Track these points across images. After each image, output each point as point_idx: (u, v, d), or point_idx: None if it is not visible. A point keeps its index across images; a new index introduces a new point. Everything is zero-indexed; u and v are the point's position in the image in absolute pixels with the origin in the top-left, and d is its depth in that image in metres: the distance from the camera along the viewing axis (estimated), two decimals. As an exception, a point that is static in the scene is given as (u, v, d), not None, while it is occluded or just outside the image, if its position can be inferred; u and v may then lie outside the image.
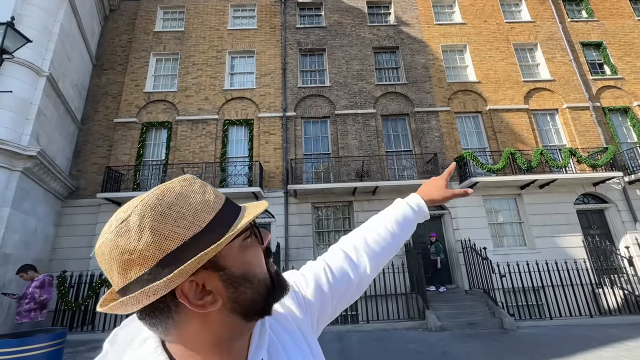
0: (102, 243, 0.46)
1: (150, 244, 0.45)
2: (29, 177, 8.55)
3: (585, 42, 13.30)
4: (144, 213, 0.46)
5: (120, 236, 0.45)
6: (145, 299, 0.44)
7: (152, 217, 0.45)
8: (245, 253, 0.52)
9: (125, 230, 0.45)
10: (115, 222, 0.46)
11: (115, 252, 0.45)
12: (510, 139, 11.57)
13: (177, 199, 0.48)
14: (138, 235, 0.45)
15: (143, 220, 0.45)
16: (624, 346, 5.72)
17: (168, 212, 0.46)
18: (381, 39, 13.14)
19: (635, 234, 10.29)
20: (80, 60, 11.50)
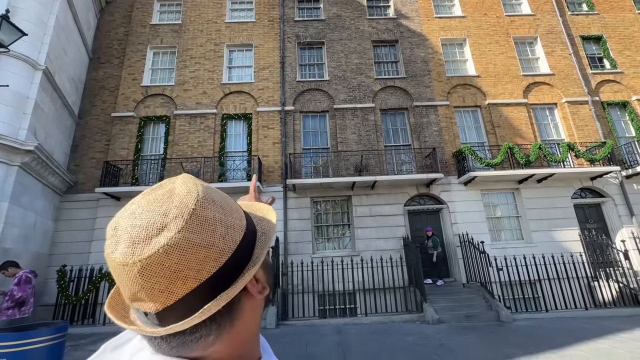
0: (162, 248, 0.38)
1: (224, 235, 0.41)
2: (26, 172, 8.52)
3: (586, 36, 13.23)
4: (205, 205, 0.41)
5: (191, 233, 0.39)
6: (230, 296, 0.40)
7: (215, 209, 0.42)
8: (266, 265, 0.52)
9: (196, 225, 0.39)
10: (172, 221, 0.39)
11: (190, 252, 0.38)
12: (509, 133, 11.57)
13: (217, 192, 0.46)
14: (212, 228, 0.40)
15: (208, 212, 0.41)
16: (618, 338, 5.81)
17: (224, 204, 0.45)
18: (380, 33, 13.04)
19: (632, 228, 10.38)
20: (77, 54, 11.38)
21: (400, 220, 10.47)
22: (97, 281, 8.46)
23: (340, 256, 9.72)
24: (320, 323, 7.87)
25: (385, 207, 10.58)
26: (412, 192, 10.78)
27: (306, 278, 9.13)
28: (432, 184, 10.75)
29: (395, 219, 10.47)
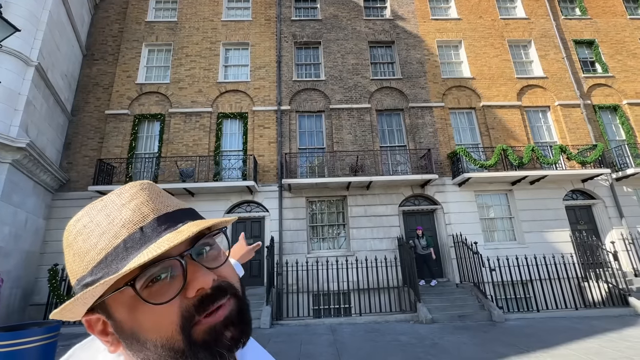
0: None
1: (72, 258, 0.44)
2: (18, 170, 8.40)
3: (578, 40, 13.43)
4: (69, 227, 0.46)
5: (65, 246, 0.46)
6: (68, 312, 0.41)
7: (73, 232, 0.45)
8: (137, 307, 0.40)
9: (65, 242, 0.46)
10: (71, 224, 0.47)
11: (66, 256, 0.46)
12: (503, 135, 11.70)
13: (94, 216, 0.44)
14: (66, 248, 0.45)
15: (69, 234, 0.46)
16: (607, 337, 5.93)
17: (83, 230, 0.44)
18: (377, 33, 13.09)
19: (621, 230, 10.58)
20: (70, 50, 11.23)
21: (395, 221, 10.53)
22: (90, 280, 8.36)
23: (335, 256, 9.75)
24: (315, 323, 7.89)
25: (380, 208, 10.63)
26: (407, 193, 10.84)
27: (301, 278, 9.14)
28: (426, 185, 10.84)
29: (390, 219, 10.53)
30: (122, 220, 0.43)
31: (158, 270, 0.40)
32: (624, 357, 4.82)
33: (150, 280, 0.40)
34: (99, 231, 0.43)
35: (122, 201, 0.45)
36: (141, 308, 0.40)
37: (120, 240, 0.41)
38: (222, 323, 0.42)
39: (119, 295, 0.41)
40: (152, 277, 0.40)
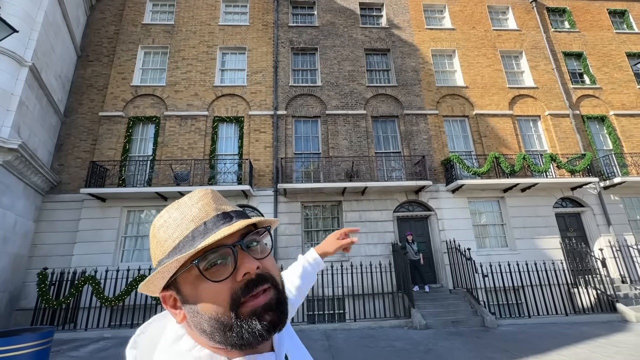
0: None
1: (155, 245, 0.57)
2: (8, 171, 8.24)
3: (567, 52, 13.84)
4: (154, 222, 0.59)
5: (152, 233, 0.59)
6: (151, 285, 0.54)
7: (157, 225, 0.58)
8: (198, 285, 0.51)
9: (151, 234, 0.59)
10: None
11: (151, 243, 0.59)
12: (495, 143, 11.94)
13: (171, 213, 0.57)
14: (151, 238, 0.59)
15: (154, 227, 0.58)
16: (597, 343, 6.06)
17: (163, 224, 0.57)
18: (373, 41, 13.28)
19: (609, 237, 10.84)
20: (65, 51, 11.13)
21: (390, 226, 10.61)
22: (80, 285, 8.21)
23: (329, 261, 9.76)
24: (309, 328, 7.87)
25: (375, 213, 10.70)
26: (401, 199, 10.95)
27: (295, 283, 9.09)
28: (420, 191, 10.96)
29: (384, 225, 10.60)
30: (191, 216, 0.55)
31: (215, 257, 0.52)
32: (613, 362, 4.93)
33: (210, 265, 0.51)
34: (174, 225, 0.55)
35: (192, 202, 0.57)
36: (201, 286, 0.51)
37: (189, 231, 0.53)
38: (263, 307, 0.51)
39: (186, 274, 0.52)
40: (211, 262, 0.52)
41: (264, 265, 0.55)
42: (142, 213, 10.55)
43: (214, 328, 0.50)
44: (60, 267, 9.26)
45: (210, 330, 0.50)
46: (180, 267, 0.52)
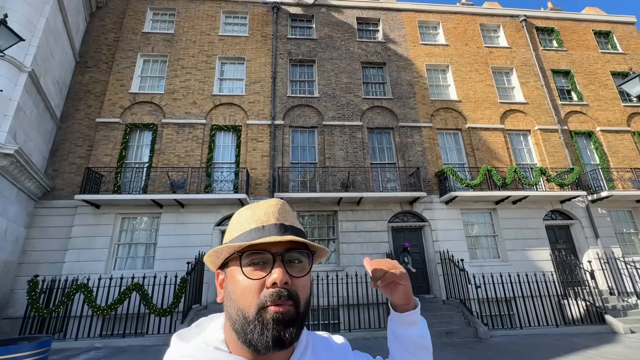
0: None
1: (228, 230, 0.66)
2: (3, 176, 8.16)
3: (556, 70, 14.38)
4: (235, 214, 0.69)
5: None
6: (215, 257, 0.64)
7: (235, 216, 0.68)
8: (238, 275, 0.59)
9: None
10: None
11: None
12: (487, 156, 12.24)
13: (247, 210, 0.66)
14: (229, 224, 0.68)
15: (233, 218, 0.68)
16: (586, 354, 6.18)
17: (237, 217, 0.67)
18: (369, 55, 13.62)
19: (597, 249, 11.12)
20: (64, 57, 11.16)
21: (385, 237, 10.72)
22: (72, 293, 8.07)
23: (325, 271, 9.80)
24: (304, 339, 7.83)
25: (370, 223, 10.82)
26: (396, 209, 11.10)
27: (290, 292, 9.08)
28: (415, 202, 11.13)
29: (379, 235, 10.71)
30: (256, 217, 0.63)
31: (258, 258, 0.59)
32: (602, 373, 5.05)
33: (252, 263, 0.59)
34: (244, 219, 0.65)
35: (263, 206, 0.66)
36: (239, 277, 0.59)
37: (250, 229, 0.62)
38: (277, 319, 0.56)
39: (234, 262, 0.61)
40: (253, 261, 0.59)
41: (295, 284, 0.59)
42: (135, 220, 10.48)
43: (238, 316, 0.57)
44: (50, 274, 9.10)
45: (236, 317, 0.57)
46: (231, 255, 0.62)
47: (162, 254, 9.81)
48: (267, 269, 0.58)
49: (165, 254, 9.78)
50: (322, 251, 0.68)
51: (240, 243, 0.59)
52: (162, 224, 10.18)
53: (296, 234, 0.63)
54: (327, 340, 0.74)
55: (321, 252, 0.69)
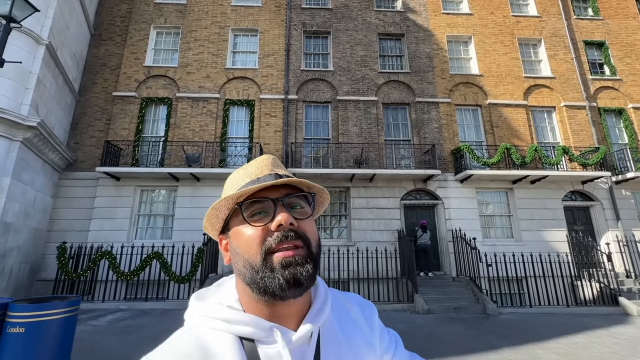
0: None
1: (222, 193, 0.64)
2: (28, 148, 8.51)
3: (589, 41, 13.37)
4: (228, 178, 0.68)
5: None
6: (213, 218, 0.63)
7: (226, 181, 0.67)
8: (241, 228, 0.58)
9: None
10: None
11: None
12: (507, 133, 11.79)
13: (238, 171, 0.65)
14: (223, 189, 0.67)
15: (226, 181, 0.67)
16: (596, 334, 6.19)
17: (231, 178, 0.65)
18: (387, 25, 13.00)
19: (617, 232, 10.80)
20: (79, 29, 11.17)
21: (397, 214, 10.73)
22: (97, 259, 8.59)
23: (336, 245, 9.98)
24: (315, 309, 8.14)
25: (382, 200, 10.81)
26: (409, 187, 11.01)
27: (302, 265, 9.35)
28: (429, 180, 10.99)
29: (391, 212, 10.72)
30: (249, 173, 0.62)
31: (258, 207, 0.58)
32: (610, 351, 5.08)
33: (253, 214, 0.58)
34: (237, 179, 0.63)
35: (254, 163, 0.65)
36: (242, 230, 0.58)
37: (244, 183, 0.61)
38: (289, 261, 0.53)
39: (234, 219, 0.60)
40: (254, 212, 0.58)
41: (301, 226, 0.57)
42: (154, 193, 10.84)
43: (246, 269, 0.55)
44: (77, 241, 9.66)
45: (244, 270, 0.55)
46: (231, 213, 0.61)
47: (180, 225, 10.19)
48: (269, 216, 0.57)
49: (183, 225, 10.16)
50: (323, 194, 0.67)
51: (237, 191, 0.58)
52: (178, 197, 10.49)
53: (291, 179, 0.62)
54: (349, 299, 0.71)
55: (322, 196, 0.68)
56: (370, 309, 0.71)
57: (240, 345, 0.54)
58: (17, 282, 8.58)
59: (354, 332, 0.63)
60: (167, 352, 0.52)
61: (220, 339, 0.54)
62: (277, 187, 0.60)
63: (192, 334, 0.56)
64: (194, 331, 0.56)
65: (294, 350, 0.54)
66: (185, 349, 0.52)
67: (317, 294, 0.62)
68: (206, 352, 0.52)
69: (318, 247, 0.59)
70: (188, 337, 0.55)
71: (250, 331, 0.54)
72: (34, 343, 3.29)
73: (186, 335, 0.55)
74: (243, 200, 0.58)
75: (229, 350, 0.53)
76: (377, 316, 0.70)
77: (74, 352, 3.77)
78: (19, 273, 8.61)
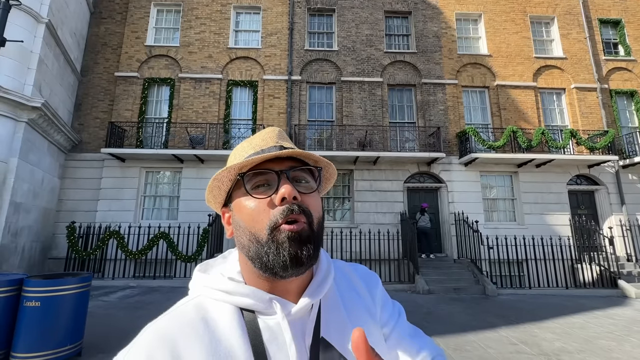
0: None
1: (226, 165, 0.61)
2: (33, 129, 8.55)
3: (604, 19, 12.84)
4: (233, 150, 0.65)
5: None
6: (216, 190, 0.61)
7: (232, 151, 0.64)
8: (244, 200, 0.56)
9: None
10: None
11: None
12: (514, 116, 11.59)
13: (243, 143, 0.63)
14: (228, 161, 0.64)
15: (231, 153, 0.65)
16: (593, 315, 6.32)
17: (235, 150, 0.64)
18: (394, 2, 12.55)
19: (620, 216, 10.78)
20: (78, 7, 10.94)
21: (400, 197, 10.77)
22: (106, 238, 8.81)
23: (339, 227, 10.11)
24: (318, 288, 8.36)
25: (385, 183, 10.83)
26: (412, 170, 10.98)
27: (306, 246, 9.53)
28: (433, 163, 10.94)
29: (394, 195, 10.76)
30: (254, 144, 0.60)
31: (261, 179, 0.56)
32: (606, 331, 5.20)
33: (256, 186, 0.56)
34: (240, 150, 0.61)
35: (259, 135, 0.62)
36: (246, 202, 0.56)
37: (247, 155, 0.59)
38: (292, 237, 0.52)
39: (237, 191, 0.58)
40: (257, 184, 0.56)
41: (305, 201, 0.56)
42: (159, 174, 10.94)
43: (250, 242, 0.54)
44: (86, 221, 9.87)
45: (247, 243, 0.54)
46: (233, 185, 0.59)
47: (185, 206, 10.34)
48: (272, 189, 0.55)
49: (188, 206, 10.30)
50: (329, 169, 0.66)
51: (240, 162, 0.56)
52: (183, 178, 10.59)
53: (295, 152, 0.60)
54: (353, 270, 0.71)
55: (328, 171, 0.66)
56: (373, 280, 0.71)
57: (240, 316, 0.55)
58: (30, 260, 8.86)
59: (356, 303, 0.63)
60: (170, 319, 0.53)
61: (221, 309, 0.55)
62: (282, 159, 0.58)
63: (194, 303, 0.57)
64: (196, 301, 0.57)
65: (293, 321, 0.54)
66: (188, 317, 0.54)
67: (319, 267, 0.61)
68: (207, 321, 0.53)
69: (320, 224, 0.57)
70: (190, 306, 0.56)
71: (249, 302, 0.55)
72: (49, 316, 3.45)
73: (189, 304, 0.56)
74: (246, 172, 0.56)
75: (228, 319, 0.54)
76: (380, 287, 0.70)
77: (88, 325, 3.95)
78: (31, 251, 8.88)
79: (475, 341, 4.67)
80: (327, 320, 0.57)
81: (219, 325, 0.53)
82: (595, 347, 4.50)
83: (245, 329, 0.53)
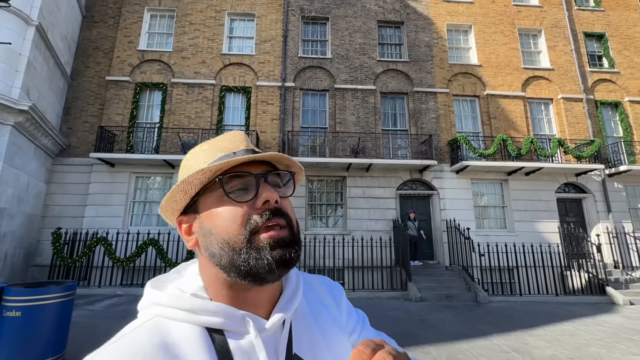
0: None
1: (182, 172, 0.57)
2: (20, 132, 8.35)
3: (588, 33, 13.28)
4: (186, 155, 0.60)
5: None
6: (172, 202, 0.55)
7: (186, 157, 0.59)
8: (218, 206, 0.52)
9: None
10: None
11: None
12: (504, 125, 11.81)
13: (202, 146, 0.58)
14: (180, 169, 0.59)
15: (185, 158, 0.59)
16: (582, 322, 6.38)
17: (193, 153, 0.58)
18: (387, 12, 12.77)
19: (607, 223, 11.01)
20: (70, 10, 10.83)
21: (392, 204, 10.80)
22: (93, 245, 8.58)
23: (332, 234, 10.06)
24: (310, 296, 8.26)
25: (378, 190, 10.86)
26: (405, 177, 11.05)
27: (298, 253, 9.45)
28: (425, 170, 11.03)
29: (387, 202, 10.79)
30: (222, 147, 0.56)
31: (239, 183, 0.52)
32: (595, 339, 5.25)
33: (233, 190, 0.52)
34: (203, 153, 0.56)
35: (224, 138, 0.58)
36: (220, 207, 0.51)
37: (217, 157, 0.54)
38: (276, 241, 0.50)
39: (209, 194, 0.53)
40: (234, 188, 0.52)
41: (283, 205, 0.54)
42: (149, 179, 10.77)
43: (223, 250, 0.49)
44: (72, 227, 9.62)
45: (219, 252, 0.49)
46: (201, 188, 0.53)
47: (176, 212, 10.14)
48: (251, 193, 0.52)
49: (178, 212, 10.11)
50: (300, 174, 0.63)
51: (217, 163, 0.50)
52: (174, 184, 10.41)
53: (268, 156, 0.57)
54: (319, 281, 0.70)
55: (299, 175, 0.63)
56: (338, 290, 0.70)
57: (208, 338, 0.48)
58: (12, 267, 8.57)
59: (325, 315, 0.61)
60: (117, 350, 0.43)
61: (184, 331, 0.48)
62: (256, 163, 0.55)
63: (148, 326, 0.48)
64: (150, 323, 0.49)
65: (266, 338, 0.51)
66: (141, 344, 0.45)
67: (288, 279, 0.59)
68: (167, 347, 0.45)
69: (298, 226, 0.56)
70: (143, 331, 0.47)
71: (218, 321, 0.49)
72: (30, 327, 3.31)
73: (141, 329, 0.48)
74: (223, 174, 0.52)
75: (194, 342, 0.47)
76: (344, 297, 0.70)
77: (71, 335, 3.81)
78: (14, 258, 8.59)
79: (468, 349, 4.65)
80: (299, 336, 0.55)
81: (182, 350, 0.46)
82: (585, 354, 4.52)
83: (214, 353, 0.47)
